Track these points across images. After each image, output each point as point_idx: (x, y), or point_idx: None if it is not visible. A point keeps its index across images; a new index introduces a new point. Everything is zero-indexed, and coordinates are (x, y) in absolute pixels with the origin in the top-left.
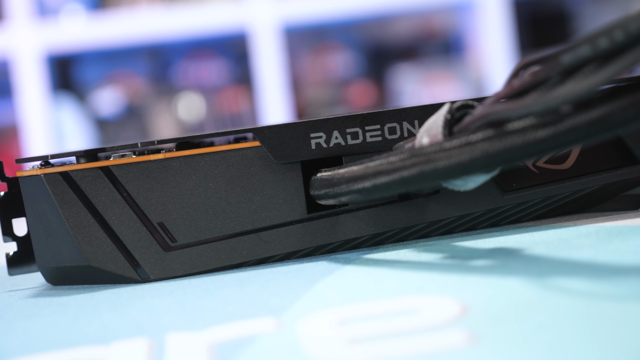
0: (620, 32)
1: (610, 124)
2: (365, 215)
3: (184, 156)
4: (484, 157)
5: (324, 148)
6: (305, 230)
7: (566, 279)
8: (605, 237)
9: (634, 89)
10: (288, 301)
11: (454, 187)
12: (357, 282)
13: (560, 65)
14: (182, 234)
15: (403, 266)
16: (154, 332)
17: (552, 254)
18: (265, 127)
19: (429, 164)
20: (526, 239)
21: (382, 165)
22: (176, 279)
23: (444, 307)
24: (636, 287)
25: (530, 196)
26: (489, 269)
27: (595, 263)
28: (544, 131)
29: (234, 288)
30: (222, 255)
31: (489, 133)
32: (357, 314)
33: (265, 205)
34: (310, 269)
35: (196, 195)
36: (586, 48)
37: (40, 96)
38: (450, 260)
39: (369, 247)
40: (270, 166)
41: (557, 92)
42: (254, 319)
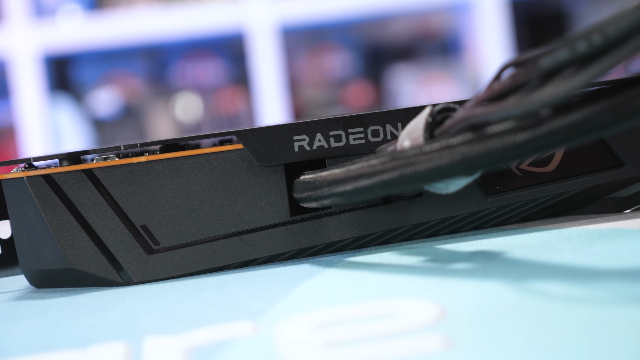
0: (598, 36)
1: (589, 128)
2: (349, 218)
3: (167, 159)
4: (463, 161)
5: (307, 151)
6: (288, 233)
7: (544, 282)
8: (587, 240)
9: (613, 92)
10: (267, 305)
11: (435, 190)
12: (338, 285)
13: (540, 69)
14: (165, 237)
15: (384, 269)
16: (132, 336)
17: (533, 257)
18: (248, 129)
19: (409, 167)
20: (508, 242)
21: (363, 168)
22: (159, 281)
23: (422, 310)
24: (612, 291)
25: (514, 199)
26: (468, 272)
27: (575, 266)
28: (523, 135)
29: (214, 291)
30: (205, 258)
31: (468, 136)
32: (335, 317)
33: (249, 208)
34: (292, 272)
35: (179, 198)
36: (565, 52)
37: (38, 96)
38: (431, 263)
39: (353, 250)
40: (253, 169)
41: (536, 96)
42: (232, 323)
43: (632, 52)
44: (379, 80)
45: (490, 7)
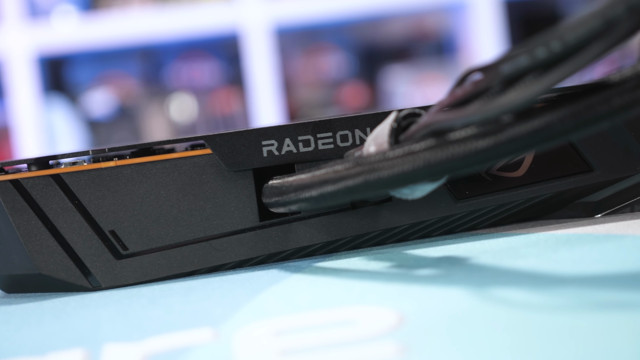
0: (557, 42)
1: (549, 134)
2: (318, 223)
3: (136, 164)
4: (426, 167)
5: (275, 156)
6: (257, 238)
7: (506, 289)
8: (553, 246)
9: (574, 98)
10: (229, 311)
11: (401, 195)
12: (301, 291)
13: (500, 75)
14: (133, 242)
15: (349, 275)
16: (92, 342)
17: (497, 263)
18: (216, 134)
19: (373, 173)
20: (476, 247)
21: (328, 174)
22: (127, 287)
23: (381, 317)
24: (572, 299)
25: (483, 204)
26: (431, 279)
27: (537, 273)
28: (484, 141)
29: (179, 297)
30: (173, 263)
31: (431, 142)
32: (294, 324)
33: (217, 213)
34: (258, 278)
35: (148, 203)
36: (524, 58)
37: (32, 97)
38: (397, 269)
39: (322, 255)
40: (222, 174)
41: (497, 102)
42: (191, 330)
43: (592, 58)
44: (374, 80)
45: (485, 8)
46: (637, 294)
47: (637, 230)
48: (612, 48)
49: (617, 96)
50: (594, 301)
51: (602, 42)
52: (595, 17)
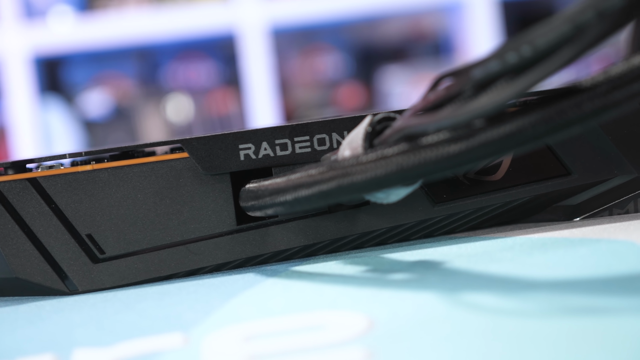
0: (527, 47)
1: (521, 139)
2: (295, 226)
3: (112, 167)
4: (399, 172)
5: (252, 159)
6: (234, 241)
7: (477, 294)
8: (528, 250)
9: (546, 103)
10: (201, 316)
11: (377, 199)
12: (274, 295)
13: (472, 80)
14: (110, 246)
15: (324, 279)
16: (63, 347)
17: (471, 268)
18: (193, 138)
19: (346, 177)
20: (452, 251)
21: (302, 178)
22: (104, 291)
23: (350, 323)
24: (541, 304)
25: (461, 207)
26: (405, 283)
27: (510, 277)
28: (456, 146)
29: (153, 301)
30: (150, 267)
31: (404, 147)
32: (264, 329)
33: (195, 217)
34: (234, 282)
35: (125, 206)
36: (495, 63)
37: (28, 98)
38: (371, 273)
39: (300, 259)
40: (199, 177)
41: (468, 107)
42: (162, 335)
43: (562, 63)
44: (370, 81)
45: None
46: (606, 299)
47: (612, 235)
48: (582, 53)
49: (588, 101)
50: (564, 306)
51: (572, 47)
52: (565, 22)
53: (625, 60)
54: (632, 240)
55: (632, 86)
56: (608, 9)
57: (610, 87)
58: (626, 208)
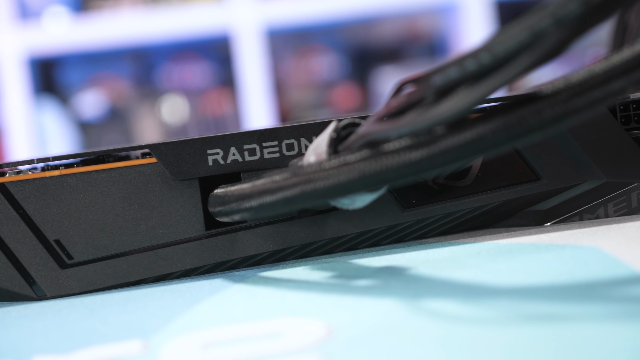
0: (486, 54)
1: (482, 146)
2: (264, 232)
3: (80, 173)
4: (361, 178)
5: (221, 164)
6: (203, 247)
7: (438, 300)
8: (494, 256)
9: (506, 110)
10: (163, 322)
11: (342, 205)
12: (238, 302)
13: (432, 87)
14: (78, 251)
15: (289, 286)
16: (22, 355)
17: (435, 274)
18: (161, 143)
19: (309, 184)
20: (419, 257)
21: (267, 184)
22: (72, 296)
23: (309, 330)
24: (500, 311)
25: (430, 212)
26: (368, 289)
27: (472, 284)
28: (417, 153)
29: (117, 307)
30: (119, 272)
31: (366, 154)
32: (224, 336)
33: (163, 222)
34: (200, 288)
35: (93, 212)
36: (454, 70)
37: (23, 99)
38: (336, 279)
39: (270, 264)
40: (167, 183)
41: (429, 114)
42: (122, 342)
43: (521, 71)
44: (365, 82)
45: (477, 9)
46: (564, 307)
47: (579, 240)
48: (541, 60)
49: (548, 108)
50: (522, 314)
51: (530, 55)
52: (523, 29)
53: (586, 67)
54: (597, 246)
55: (592, 93)
56: (565, 17)
57: (570, 94)
58: (596, 213)
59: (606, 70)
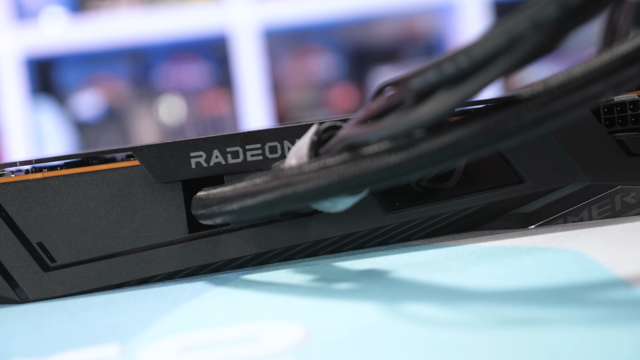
0: (464, 58)
1: (461, 150)
2: (247, 234)
3: (63, 175)
4: (340, 182)
5: (204, 167)
6: (186, 250)
7: (417, 304)
8: (475, 259)
9: (485, 113)
10: (142, 326)
11: (324, 208)
12: (218, 305)
13: (411, 90)
14: (61, 254)
15: (270, 289)
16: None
17: (416, 277)
18: (144, 146)
19: (290, 187)
20: (402, 260)
21: (248, 187)
22: (54, 299)
23: (287, 333)
24: (477, 315)
25: (413, 215)
26: (348, 293)
27: (451, 287)
28: (396, 156)
29: (98, 311)
30: (102, 275)
31: (345, 157)
32: (202, 340)
33: (146, 225)
34: (182, 291)
35: (76, 215)
36: (433, 73)
37: (20, 99)
38: (317, 282)
39: (253, 267)
40: (150, 186)
41: (408, 117)
42: (100, 345)
43: (499, 74)
44: (363, 82)
45: (474, 9)
46: (542, 310)
47: (561, 243)
48: (519, 64)
49: (527, 111)
50: (499, 317)
51: (508, 58)
52: (500, 33)
53: (565, 71)
54: (579, 249)
55: (571, 97)
56: (543, 21)
57: (549, 97)
58: (580, 216)
59: (585, 74)
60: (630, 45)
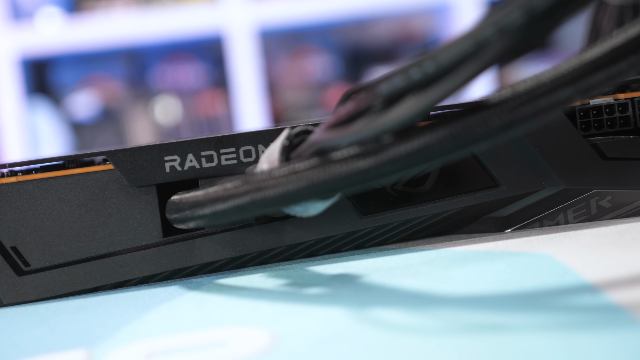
0: (430, 63)
1: (429, 155)
2: (222, 238)
3: (37, 179)
4: (309, 187)
5: (178, 171)
6: (161, 254)
7: (385, 309)
8: (447, 264)
9: (452, 119)
10: (110, 331)
11: (295, 213)
12: (188, 310)
13: (379, 96)
14: (35, 259)
15: (242, 293)
16: None
17: (387, 282)
18: (118, 150)
19: (259, 192)
20: (375, 264)
21: (219, 192)
22: (28, 304)
23: (254, 339)
24: (444, 320)
25: (389, 219)
26: (317, 298)
27: (421, 292)
28: (365, 161)
29: (70, 315)
30: (76, 279)
31: (314, 162)
32: (168, 345)
33: (121, 229)
34: (154, 295)
35: (50, 219)
36: (400, 78)
37: (15, 100)
38: (288, 287)
39: (228, 271)
40: (125, 190)
41: (376, 122)
42: (67, 351)
43: (465, 79)
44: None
45: (471, 10)
46: (510, 316)
47: (533, 248)
48: (484, 69)
49: (495, 117)
50: (464, 323)
51: (474, 63)
52: (466, 38)
53: (533, 76)
54: (550, 254)
55: (539, 102)
56: (508, 26)
57: (517, 102)
58: (556, 220)
59: (553, 80)
60: (599, 51)
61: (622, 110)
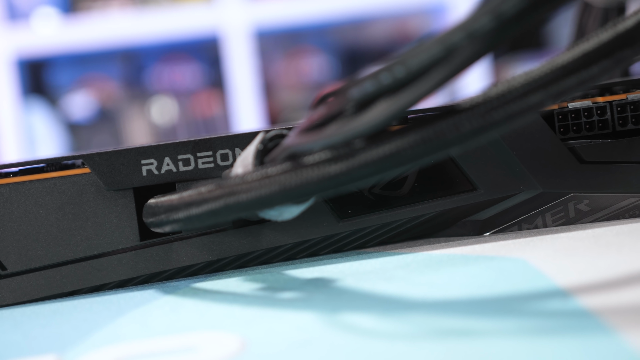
0: (400, 68)
1: (400, 160)
2: (199, 242)
3: (14, 183)
4: (282, 191)
5: (155, 175)
6: (138, 257)
7: (357, 314)
8: (422, 268)
9: (424, 123)
10: (81, 335)
11: (270, 217)
12: (161, 314)
13: (351, 100)
14: (12, 262)
15: (215, 298)
16: None
17: (361, 286)
18: (95, 153)
19: (232, 196)
20: (351, 268)
21: (193, 196)
22: (5, 307)
23: (223, 344)
24: (415, 325)
25: (366, 223)
26: (290, 302)
27: (394, 297)
28: (336, 166)
29: (43, 320)
30: (53, 283)
31: (286, 166)
32: (138, 350)
33: (98, 233)
34: (129, 299)
35: (27, 222)
36: (370, 83)
37: (12, 100)
38: (263, 291)
39: (206, 274)
40: (101, 193)
41: (348, 126)
42: (37, 357)
43: (435, 84)
44: None
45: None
46: (480, 321)
47: (509, 252)
48: (454, 74)
49: (466, 122)
50: (434, 327)
51: (443, 68)
52: (435, 43)
53: (505, 81)
54: (525, 258)
55: (510, 107)
56: (477, 31)
57: (488, 107)
58: (535, 223)
59: (524, 84)
60: (570, 56)
61: (601, 114)
